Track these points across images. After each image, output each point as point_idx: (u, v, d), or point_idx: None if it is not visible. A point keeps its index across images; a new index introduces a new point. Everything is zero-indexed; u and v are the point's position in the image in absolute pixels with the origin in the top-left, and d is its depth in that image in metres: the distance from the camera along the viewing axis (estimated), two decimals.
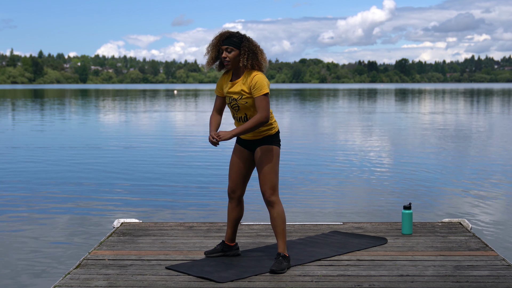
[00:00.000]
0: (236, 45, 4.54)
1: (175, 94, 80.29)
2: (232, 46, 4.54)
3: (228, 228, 4.90)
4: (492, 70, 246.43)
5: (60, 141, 18.69)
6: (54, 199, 9.69)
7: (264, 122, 4.45)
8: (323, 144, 17.85)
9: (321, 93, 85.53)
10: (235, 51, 4.54)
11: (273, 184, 4.58)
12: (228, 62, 4.56)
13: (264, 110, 4.44)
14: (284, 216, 4.61)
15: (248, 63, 4.52)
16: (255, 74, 4.51)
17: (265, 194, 4.58)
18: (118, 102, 52.18)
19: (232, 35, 4.58)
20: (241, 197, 4.84)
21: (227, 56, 4.54)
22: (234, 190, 4.80)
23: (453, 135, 20.25)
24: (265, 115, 4.44)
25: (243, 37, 4.59)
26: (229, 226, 4.89)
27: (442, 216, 8.25)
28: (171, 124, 26.42)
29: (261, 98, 4.45)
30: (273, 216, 4.60)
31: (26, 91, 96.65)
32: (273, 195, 4.58)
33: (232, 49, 4.54)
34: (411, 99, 57.60)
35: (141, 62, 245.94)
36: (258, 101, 4.46)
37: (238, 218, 4.87)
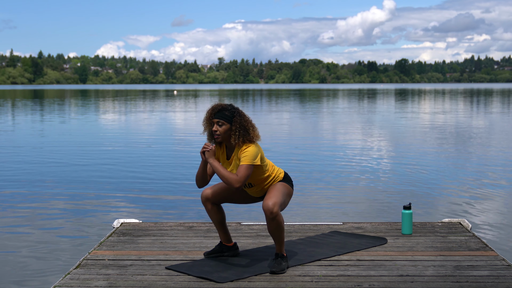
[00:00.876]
0: (227, 119, 4.52)
1: (175, 94, 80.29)
2: (224, 120, 4.51)
3: (218, 230, 4.88)
4: (492, 70, 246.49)
5: (60, 141, 18.68)
6: (53, 199, 9.68)
7: (233, 187, 4.40)
8: (323, 144, 17.85)
9: (321, 93, 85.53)
10: (226, 125, 4.52)
11: (278, 200, 4.49)
12: (218, 136, 4.54)
13: (240, 178, 4.39)
14: (283, 225, 4.55)
15: (240, 140, 4.50)
16: (248, 146, 4.50)
17: (267, 206, 4.42)
18: (118, 102, 52.18)
19: (224, 108, 4.55)
20: (214, 203, 4.77)
21: (218, 130, 4.52)
22: (207, 198, 4.74)
23: (453, 135, 20.25)
24: (238, 183, 4.39)
25: (235, 111, 4.56)
26: (217, 228, 4.88)
27: (442, 216, 8.24)
28: (171, 124, 26.42)
29: (244, 167, 4.41)
30: (273, 228, 4.50)
31: (26, 92, 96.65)
32: (276, 210, 4.44)
33: (224, 123, 4.52)
34: (411, 99, 57.60)
35: (140, 63, 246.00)
36: (240, 167, 4.42)
37: (221, 220, 4.82)
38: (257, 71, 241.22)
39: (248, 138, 4.51)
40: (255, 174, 4.58)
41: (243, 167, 4.41)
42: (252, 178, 4.60)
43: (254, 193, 4.77)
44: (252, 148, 4.48)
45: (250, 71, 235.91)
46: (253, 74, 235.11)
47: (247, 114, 4.65)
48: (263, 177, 4.64)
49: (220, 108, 4.56)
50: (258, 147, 4.53)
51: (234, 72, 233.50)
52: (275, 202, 4.44)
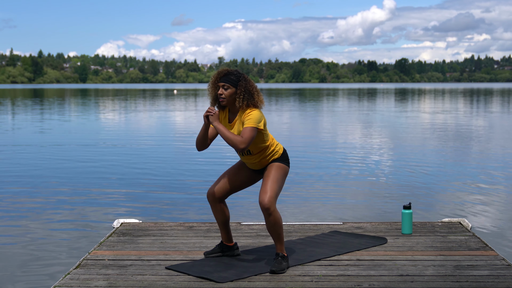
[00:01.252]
0: (233, 83, 4.55)
1: (175, 93, 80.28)
2: (229, 83, 4.54)
3: (220, 229, 4.89)
4: (492, 70, 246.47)
5: (60, 140, 18.68)
6: (53, 199, 9.68)
7: (239, 148, 4.40)
8: (323, 144, 17.85)
9: (320, 93, 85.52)
10: (231, 88, 4.55)
11: (274, 194, 4.51)
12: (223, 99, 4.56)
13: (245, 139, 4.40)
14: (281, 222, 4.55)
15: (244, 103, 4.53)
16: (252, 110, 4.52)
17: (263, 202, 4.47)
18: (118, 101, 52.17)
19: (230, 72, 4.59)
20: (220, 200, 4.79)
21: (223, 93, 4.55)
22: (213, 194, 4.75)
23: (453, 135, 20.25)
24: (243, 144, 4.39)
25: (241, 76, 4.59)
26: (220, 228, 4.88)
27: (442, 216, 8.24)
28: (171, 124, 26.41)
29: (248, 129, 4.42)
30: (271, 224, 4.52)
31: (26, 91, 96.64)
32: (272, 204, 4.47)
33: (229, 86, 4.55)
34: (410, 99, 57.60)
35: (140, 62, 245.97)
36: (244, 129, 4.43)
37: (225, 219, 4.83)
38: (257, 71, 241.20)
39: (252, 102, 4.55)
40: (256, 140, 4.57)
41: (248, 129, 4.43)
42: (252, 145, 4.59)
43: (252, 165, 4.72)
44: (256, 112, 4.51)
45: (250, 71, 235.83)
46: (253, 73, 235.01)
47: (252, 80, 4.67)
48: (264, 145, 4.62)
49: (226, 73, 4.60)
50: (262, 114, 4.56)
51: None
52: (270, 197, 4.46)
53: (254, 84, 4.64)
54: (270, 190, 4.50)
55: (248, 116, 4.49)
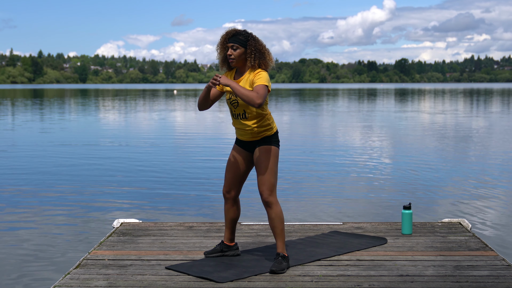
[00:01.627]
0: (242, 43, 4.54)
1: (175, 94, 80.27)
2: (238, 44, 4.54)
3: (226, 228, 4.90)
4: (491, 70, 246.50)
5: (60, 140, 18.67)
6: (53, 199, 9.68)
7: (255, 103, 4.34)
8: (323, 143, 17.85)
9: (320, 93, 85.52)
10: (241, 49, 4.55)
11: (271, 184, 4.56)
12: (233, 60, 4.56)
13: (261, 95, 4.38)
14: (282, 216, 4.60)
15: (256, 62, 4.53)
16: (260, 70, 4.53)
17: (262, 194, 4.56)
18: (118, 102, 52.17)
19: (238, 33, 4.58)
20: (236, 197, 4.83)
21: (232, 54, 4.55)
22: (229, 191, 4.80)
23: (453, 135, 20.25)
24: (259, 99, 4.36)
25: (250, 36, 4.59)
26: (226, 227, 4.89)
27: (442, 216, 8.24)
28: (171, 124, 26.41)
29: (261, 86, 4.42)
30: (271, 217, 4.58)
31: (26, 91, 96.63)
32: (270, 196, 4.56)
33: (238, 47, 4.54)
34: (410, 99, 57.60)
35: (140, 62, 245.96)
36: (257, 87, 4.41)
37: (235, 218, 4.87)
38: None
39: (263, 61, 4.55)
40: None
41: (261, 86, 4.42)
42: (251, 108, 4.55)
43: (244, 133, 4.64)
44: (265, 73, 4.52)
45: None
46: None
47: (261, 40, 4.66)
48: (261, 113, 4.58)
49: (235, 33, 4.58)
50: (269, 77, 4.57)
51: None
52: (268, 189, 4.52)
53: (263, 43, 4.63)
54: (268, 181, 4.55)
55: (258, 75, 4.48)
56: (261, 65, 4.55)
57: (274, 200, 4.56)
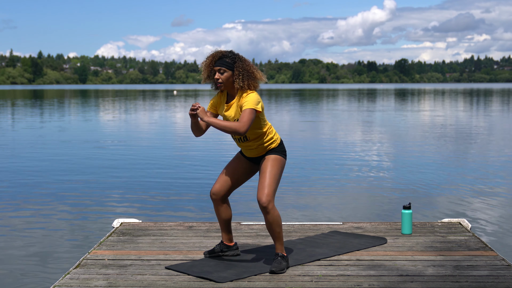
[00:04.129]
0: (229, 66, 4.48)
1: (175, 94, 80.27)
2: (225, 67, 4.47)
3: (222, 229, 4.88)
4: (491, 70, 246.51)
5: (60, 140, 18.68)
6: (53, 199, 9.68)
7: (239, 133, 4.33)
8: (323, 144, 17.85)
9: (320, 93, 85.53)
10: (228, 72, 4.48)
11: (271, 191, 4.49)
12: (221, 84, 4.50)
13: (245, 123, 4.33)
14: (280, 220, 4.54)
15: (245, 83, 4.46)
16: (249, 93, 4.47)
17: (261, 200, 4.46)
18: (118, 102, 52.17)
19: (224, 55, 4.51)
20: (225, 199, 4.78)
21: (220, 78, 4.49)
22: (217, 192, 4.73)
23: (453, 135, 20.25)
24: (244, 128, 4.32)
25: (236, 57, 4.52)
26: (221, 227, 4.87)
27: (442, 216, 8.25)
28: (171, 124, 26.42)
29: (247, 111, 4.36)
30: (269, 222, 4.52)
31: (26, 92, 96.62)
32: (269, 202, 4.47)
33: (225, 70, 4.48)
34: (410, 99, 57.61)
35: (140, 63, 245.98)
36: (243, 112, 4.37)
37: (228, 218, 4.83)
38: None
39: (252, 82, 4.49)
40: (254, 126, 4.51)
41: (246, 111, 4.36)
42: (250, 131, 4.52)
43: (250, 152, 4.66)
44: (253, 94, 4.45)
45: None
46: None
47: (248, 59, 4.61)
48: (261, 132, 4.57)
49: (221, 56, 4.52)
50: (259, 96, 4.51)
51: None
52: (267, 195, 4.44)
53: (250, 62, 4.57)
54: (268, 186, 4.48)
55: (245, 99, 4.42)
56: (250, 86, 4.48)
57: (272, 206, 4.49)
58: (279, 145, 4.68)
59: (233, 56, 4.52)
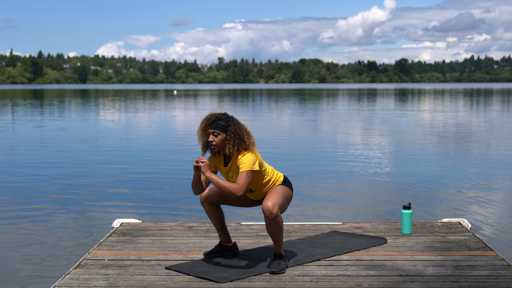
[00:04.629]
0: (222, 129, 4.49)
1: (175, 94, 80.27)
2: (219, 130, 4.49)
3: (217, 230, 4.88)
4: (491, 70, 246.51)
5: (60, 140, 18.68)
6: (53, 199, 9.68)
7: (236, 196, 4.36)
8: (323, 144, 17.85)
9: (320, 93, 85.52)
10: (222, 135, 4.50)
11: (278, 202, 4.48)
12: (214, 146, 4.52)
13: (242, 185, 4.36)
14: (282, 225, 4.55)
15: (234, 149, 4.48)
16: (244, 153, 4.48)
17: (267, 206, 4.41)
18: (118, 102, 52.16)
19: (218, 118, 4.53)
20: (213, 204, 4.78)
21: (214, 140, 4.51)
22: (207, 200, 4.76)
23: (453, 135, 20.25)
24: (240, 191, 4.35)
25: (230, 121, 4.53)
26: (217, 229, 4.88)
27: (442, 216, 8.24)
28: (171, 124, 26.41)
29: (244, 174, 4.38)
30: (273, 227, 4.49)
31: (26, 92, 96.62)
32: (275, 210, 4.43)
33: (219, 133, 4.50)
34: (410, 99, 57.60)
35: (140, 62, 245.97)
36: (240, 175, 4.39)
37: (220, 219, 4.82)
38: (257, 71, 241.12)
39: (243, 146, 4.49)
40: (255, 180, 4.57)
41: (243, 174, 4.39)
42: (252, 184, 4.59)
43: (254, 197, 4.77)
44: (248, 155, 4.46)
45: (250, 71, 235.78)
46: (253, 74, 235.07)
47: (242, 122, 4.62)
48: (263, 182, 4.63)
49: (215, 118, 4.53)
50: (255, 153, 4.51)
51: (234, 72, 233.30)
52: (274, 203, 4.44)
53: (244, 126, 4.57)
54: (275, 198, 4.49)
55: (241, 161, 4.44)
56: (240, 150, 4.49)
57: (278, 213, 4.47)
58: (283, 181, 4.72)
59: (227, 119, 4.53)
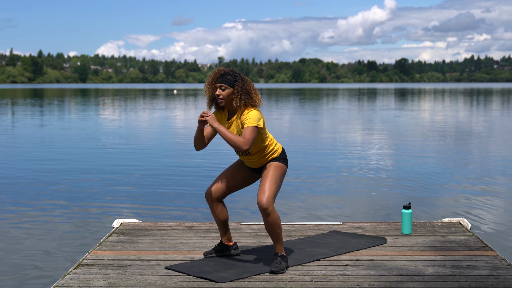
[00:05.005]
0: (230, 83, 4.53)
1: (175, 93, 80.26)
2: (226, 84, 4.53)
3: (219, 229, 4.88)
4: (491, 70, 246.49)
5: (59, 140, 18.68)
6: (53, 199, 9.68)
7: (242, 149, 4.38)
8: (323, 143, 17.85)
9: (320, 92, 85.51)
10: (229, 89, 4.53)
11: (271, 194, 4.50)
12: (221, 100, 4.55)
13: (248, 140, 4.38)
14: (279, 222, 4.55)
15: (241, 103, 4.51)
16: (250, 110, 4.51)
17: (261, 202, 4.46)
18: (118, 101, 52.16)
19: (226, 72, 4.57)
20: (219, 200, 4.80)
21: (221, 94, 4.54)
22: (212, 194, 4.77)
23: (453, 135, 20.25)
24: (246, 145, 4.37)
25: (238, 76, 4.57)
26: (219, 227, 4.88)
27: (442, 216, 8.24)
28: (171, 124, 26.41)
29: (249, 129, 4.41)
30: (269, 224, 4.51)
31: (26, 91, 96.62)
32: (270, 204, 4.47)
33: (226, 87, 4.53)
34: (410, 99, 57.60)
35: (140, 62, 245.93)
36: (245, 129, 4.42)
37: (224, 218, 4.83)
38: (257, 71, 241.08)
39: (250, 101, 4.53)
40: (256, 141, 4.56)
41: (248, 129, 4.42)
42: (252, 145, 4.56)
43: (251, 163, 4.71)
44: (254, 111, 4.49)
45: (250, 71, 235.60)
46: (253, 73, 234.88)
47: (249, 79, 4.66)
48: (263, 145, 4.62)
49: (223, 73, 4.58)
50: (260, 112, 4.55)
51: None
52: (268, 198, 4.45)
53: (251, 83, 4.63)
54: (268, 190, 4.50)
55: (246, 116, 4.48)
56: (247, 105, 4.53)
57: (272, 208, 4.49)
58: (281, 154, 4.71)
59: (235, 74, 4.58)
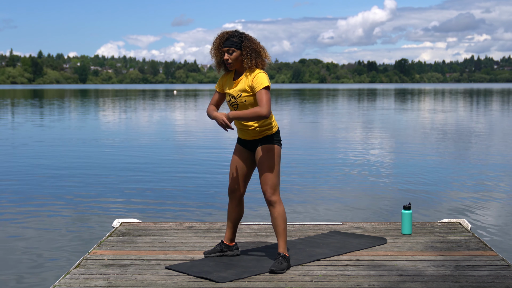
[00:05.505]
0: (237, 46, 4.53)
1: (175, 94, 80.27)
2: (233, 47, 4.53)
3: (228, 227, 4.89)
4: (491, 70, 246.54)
5: (59, 140, 18.67)
6: (53, 199, 9.68)
7: (263, 116, 4.39)
8: (323, 143, 17.84)
9: (320, 93, 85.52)
10: (236, 51, 4.54)
11: (273, 183, 4.57)
12: (230, 64, 4.56)
13: (265, 104, 4.40)
14: (285, 216, 4.61)
15: (252, 63, 4.52)
16: (257, 72, 4.52)
17: (265, 193, 4.57)
18: (118, 102, 52.16)
19: (231, 35, 4.57)
20: (241, 197, 4.83)
21: (229, 58, 4.54)
22: (234, 190, 4.80)
23: (453, 135, 20.25)
24: (265, 109, 4.39)
25: (243, 36, 4.58)
26: (228, 226, 4.89)
27: (442, 216, 8.24)
28: (171, 124, 26.41)
29: (262, 92, 4.43)
30: (274, 216, 4.59)
31: (26, 91, 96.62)
32: (273, 195, 4.57)
33: (234, 50, 4.53)
34: (410, 99, 57.60)
35: (140, 62, 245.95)
36: (259, 94, 4.43)
37: (238, 218, 4.87)
38: None
39: (260, 60, 4.55)
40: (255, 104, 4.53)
41: (262, 92, 4.43)
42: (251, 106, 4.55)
43: (245, 133, 4.67)
44: (262, 73, 4.51)
45: None
46: None
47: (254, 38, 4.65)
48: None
49: (228, 36, 4.57)
50: (267, 74, 4.55)
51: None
52: (272, 187, 4.54)
53: (257, 41, 4.62)
54: (270, 179, 4.56)
55: (256, 79, 4.47)
56: (258, 65, 4.55)
57: (277, 199, 4.58)
58: (276, 133, 4.69)
59: (239, 36, 4.57)
